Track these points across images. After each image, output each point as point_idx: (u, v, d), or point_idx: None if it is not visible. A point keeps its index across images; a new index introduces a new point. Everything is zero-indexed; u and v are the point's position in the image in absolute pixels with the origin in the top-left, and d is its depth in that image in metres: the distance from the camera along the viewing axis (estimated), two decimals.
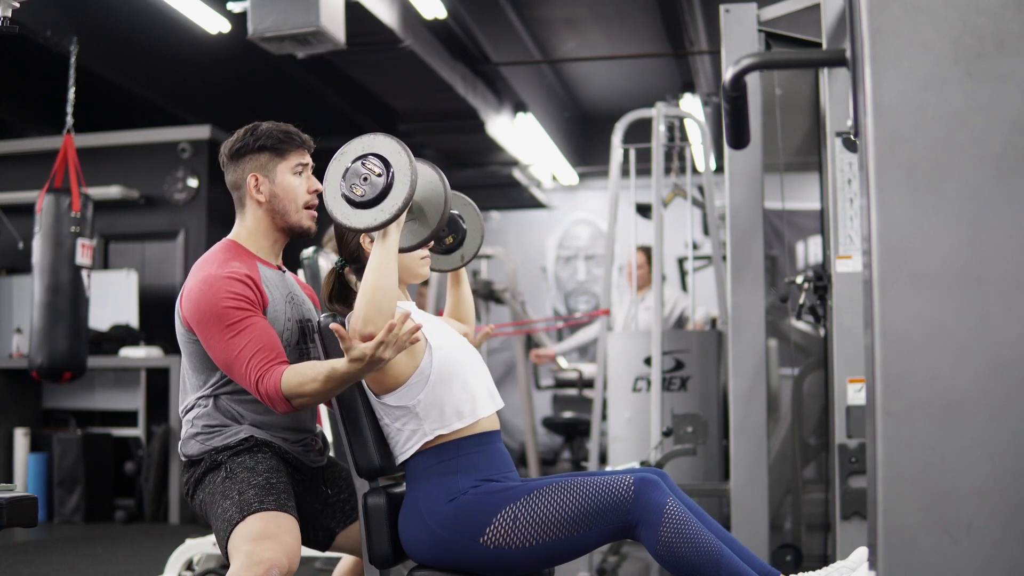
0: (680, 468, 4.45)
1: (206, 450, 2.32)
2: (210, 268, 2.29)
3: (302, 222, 2.42)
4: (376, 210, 2.09)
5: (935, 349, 1.34)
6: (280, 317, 2.34)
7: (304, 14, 4.41)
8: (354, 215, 2.11)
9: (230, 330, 2.20)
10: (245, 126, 2.44)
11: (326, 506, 2.46)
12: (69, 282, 5.09)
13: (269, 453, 2.32)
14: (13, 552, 5.43)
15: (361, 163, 2.11)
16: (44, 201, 5.13)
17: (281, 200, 2.39)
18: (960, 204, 1.35)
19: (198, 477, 2.33)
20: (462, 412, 2.24)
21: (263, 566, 2.11)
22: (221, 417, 2.33)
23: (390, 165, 2.10)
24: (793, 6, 3.55)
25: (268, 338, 2.22)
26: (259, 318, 2.25)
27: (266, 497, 2.22)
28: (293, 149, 2.40)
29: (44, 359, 5.03)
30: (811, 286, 3.50)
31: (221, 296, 2.22)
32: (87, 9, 5.92)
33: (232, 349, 2.20)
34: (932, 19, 1.36)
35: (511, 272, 7.15)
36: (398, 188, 2.09)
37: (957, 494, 1.32)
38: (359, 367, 2.07)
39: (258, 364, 2.17)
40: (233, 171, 2.42)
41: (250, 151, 2.39)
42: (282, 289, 2.40)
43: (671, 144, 5.27)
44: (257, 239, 2.41)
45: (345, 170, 2.12)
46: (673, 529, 2.07)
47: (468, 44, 6.90)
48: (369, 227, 2.10)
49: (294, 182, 2.39)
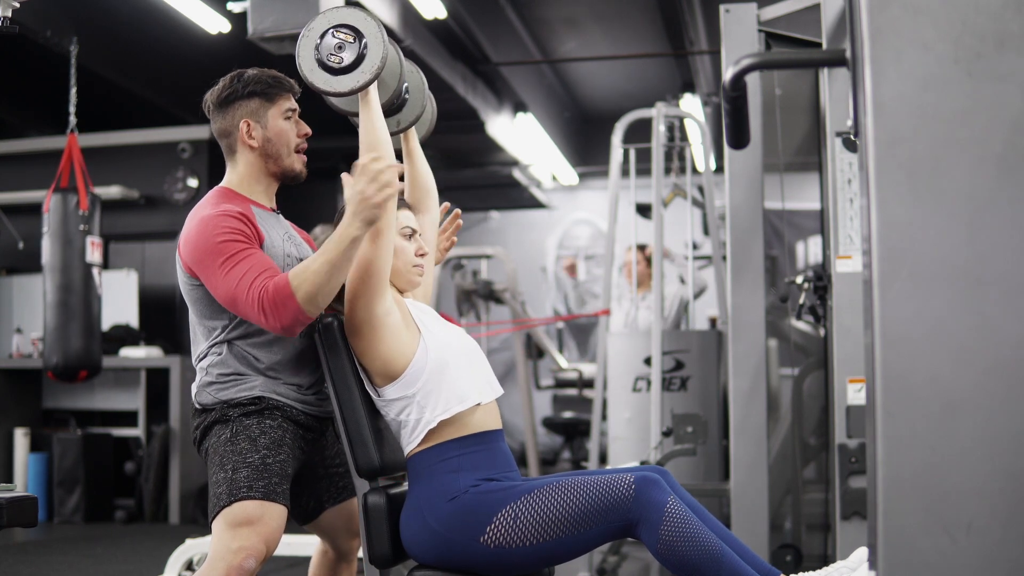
0: (680, 468, 4.45)
1: (218, 401, 2.32)
2: (204, 211, 2.31)
3: (294, 165, 2.45)
4: (357, 72, 2.26)
5: (935, 349, 1.34)
6: (279, 253, 2.35)
7: (304, 14, 4.40)
8: (336, 81, 2.27)
9: (229, 262, 2.21)
10: (230, 74, 2.46)
11: (326, 475, 2.47)
12: (81, 280, 5.12)
13: (279, 420, 2.31)
14: (13, 552, 5.43)
15: (331, 34, 2.27)
16: (51, 200, 5.14)
17: (274, 144, 2.42)
18: (960, 204, 1.35)
19: (207, 424, 2.33)
20: (462, 396, 2.25)
21: (240, 554, 2.18)
22: (236, 364, 2.33)
23: (360, 32, 2.26)
24: (793, 6, 3.55)
25: (268, 263, 2.23)
26: (256, 250, 2.26)
27: (256, 482, 2.23)
28: (282, 93, 2.44)
29: (59, 359, 5.04)
30: (811, 286, 3.51)
31: (217, 232, 2.24)
32: (87, 9, 5.92)
33: (232, 279, 2.20)
34: (932, 19, 1.36)
35: (511, 272, 7.15)
36: (373, 50, 2.26)
37: (957, 494, 1.32)
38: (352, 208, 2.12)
39: (261, 281, 2.18)
40: (222, 119, 2.44)
41: (239, 97, 2.41)
42: (278, 228, 2.41)
43: (671, 144, 5.27)
44: (250, 184, 2.43)
45: (316, 44, 2.28)
46: (674, 528, 2.07)
47: (468, 44, 6.90)
48: (353, 88, 2.26)
49: (285, 126, 2.43)
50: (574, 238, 10.63)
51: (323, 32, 2.28)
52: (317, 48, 2.28)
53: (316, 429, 2.42)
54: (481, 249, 7.62)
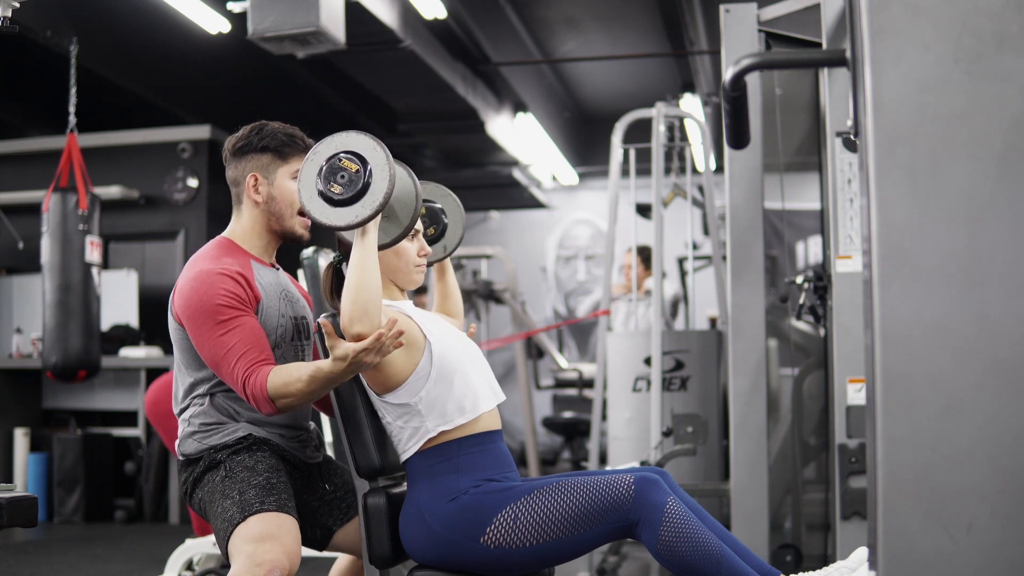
0: (680, 468, 4.45)
1: (204, 448, 2.32)
2: (203, 264, 2.30)
3: (295, 228, 2.42)
4: (357, 207, 2.09)
5: (935, 349, 1.34)
6: (273, 313, 2.35)
7: (304, 14, 4.41)
8: (333, 213, 2.11)
9: (220, 328, 2.21)
10: (253, 123, 2.44)
11: (323, 503, 2.45)
12: (80, 280, 5.11)
13: (268, 452, 2.32)
14: (13, 552, 5.43)
15: (336, 161, 2.12)
16: (50, 200, 5.13)
17: (278, 203, 2.39)
18: (960, 204, 1.35)
19: (197, 476, 2.32)
20: (464, 407, 2.24)
21: (264, 567, 2.12)
22: (217, 415, 2.33)
23: (367, 162, 2.11)
24: (793, 6, 3.55)
25: (257, 338, 2.22)
26: (249, 317, 2.25)
27: (267, 497, 2.22)
28: (296, 154, 2.40)
29: (58, 358, 5.03)
30: (811, 286, 3.50)
31: (213, 293, 2.23)
32: (87, 9, 5.92)
33: (221, 347, 2.20)
34: (932, 19, 1.36)
35: (511, 272, 7.15)
36: (377, 184, 2.09)
37: (957, 494, 1.32)
38: (342, 367, 2.08)
39: (246, 364, 2.17)
40: (234, 167, 2.43)
41: (253, 150, 2.40)
42: (276, 286, 2.40)
43: (671, 144, 5.27)
44: (251, 238, 2.42)
45: (320, 168, 2.12)
46: (673, 528, 2.07)
47: (468, 44, 6.90)
48: (350, 224, 2.10)
49: (292, 187, 2.39)
50: (574, 238, 10.63)
51: (329, 157, 2.13)
52: (319, 175, 2.12)
53: (303, 470, 2.42)
54: (481, 249, 7.62)
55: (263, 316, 2.31)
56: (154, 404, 4.74)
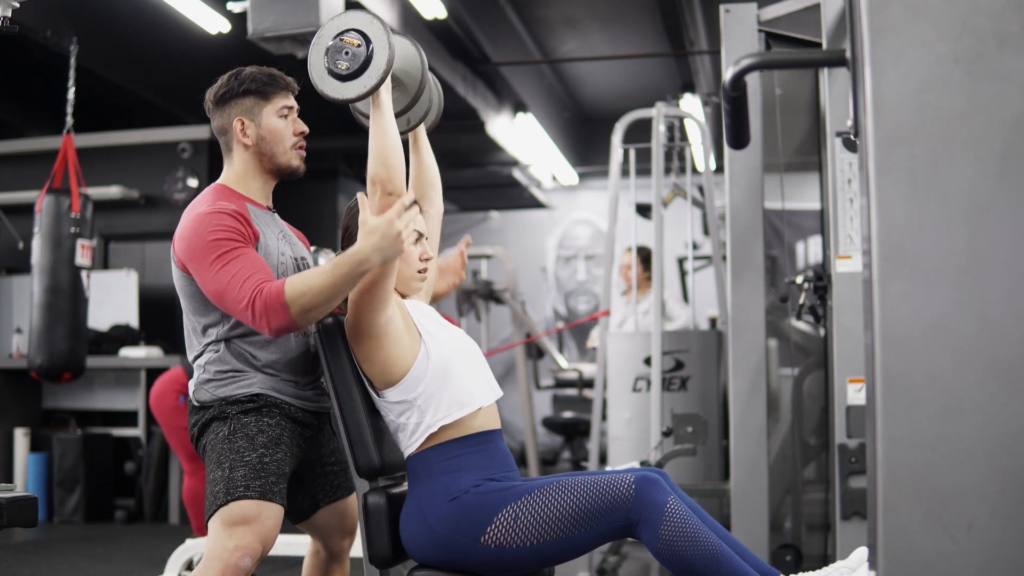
0: (680, 468, 4.45)
1: (216, 399, 2.32)
2: (200, 208, 2.32)
3: (291, 161, 2.44)
4: (364, 77, 2.21)
5: (935, 349, 1.34)
6: (273, 251, 2.35)
7: (304, 14, 4.41)
8: (344, 87, 2.23)
9: (221, 259, 2.21)
10: (229, 71, 2.46)
11: (322, 472, 2.47)
12: (68, 283, 5.09)
13: (276, 418, 2.31)
14: (13, 552, 5.43)
15: (339, 39, 2.23)
16: (44, 202, 5.12)
17: (268, 143, 2.41)
18: (960, 204, 1.35)
19: (205, 421, 2.33)
20: (462, 402, 2.25)
21: (236, 553, 2.18)
22: (233, 361, 2.32)
23: (367, 35, 2.22)
24: (793, 6, 3.55)
25: (261, 265, 2.23)
26: (250, 249, 2.26)
27: (253, 481, 2.23)
28: (278, 91, 2.43)
29: (44, 359, 5.03)
30: (811, 286, 3.51)
31: (211, 229, 2.24)
32: (87, 9, 5.92)
33: (224, 276, 2.20)
34: (932, 19, 1.36)
35: (511, 272, 7.15)
36: (379, 54, 2.21)
37: (957, 494, 1.32)
38: (375, 240, 2.10)
39: (254, 283, 2.17)
40: (219, 117, 2.44)
41: (235, 95, 2.42)
42: (274, 227, 2.41)
43: (671, 144, 5.27)
44: (246, 181, 2.43)
45: (326, 49, 2.23)
46: (674, 528, 2.07)
47: (468, 44, 6.90)
48: (360, 94, 2.22)
49: (280, 124, 2.42)
50: (574, 238, 10.63)
51: (332, 38, 2.24)
52: (326, 55, 2.24)
53: (314, 425, 2.42)
54: (481, 249, 7.62)
55: (263, 253, 2.31)
56: (159, 400, 4.73)
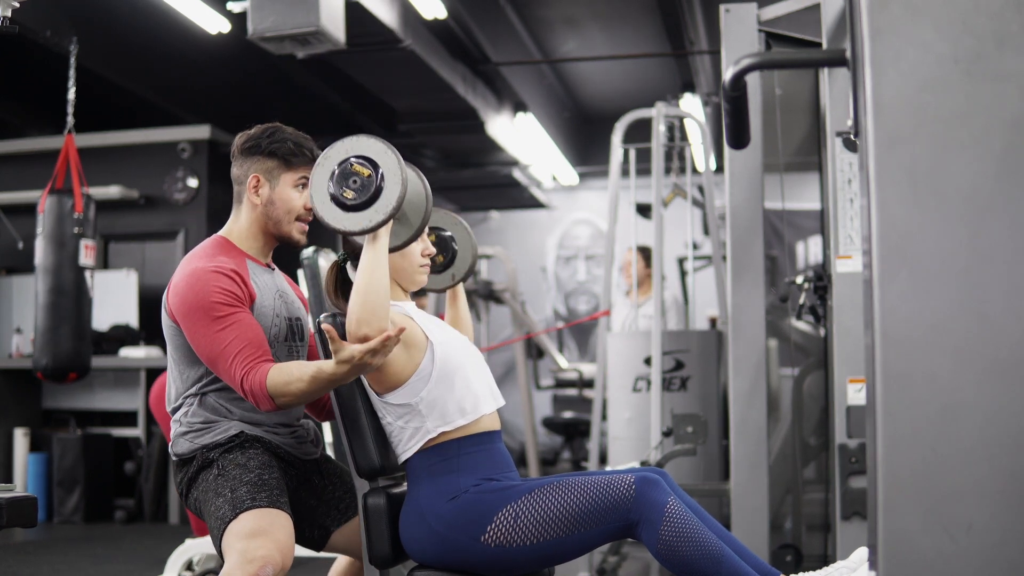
0: (680, 468, 4.44)
1: (196, 448, 2.32)
2: (198, 262, 2.30)
3: (292, 234, 2.43)
4: (370, 211, 2.10)
5: (935, 349, 1.34)
6: (268, 312, 2.35)
7: (304, 14, 4.41)
8: (346, 218, 2.11)
9: (216, 324, 2.20)
10: (267, 124, 2.44)
11: (321, 503, 2.45)
12: (73, 283, 5.09)
13: (260, 448, 2.32)
14: (13, 552, 5.43)
15: (348, 166, 2.12)
16: (46, 202, 5.12)
17: (276, 208, 2.40)
18: (960, 204, 1.35)
19: (191, 476, 2.33)
20: (464, 409, 2.25)
21: (257, 564, 2.11)
22: (208, 414, 2.33)
23: (378, 166, 2.11)
24: (793, 6, 3.55)
25: (254, 334, 2.22)
26: (245, 313, 2.25)
27: (258, 494, 2.22)
28: (303, 164, 2.41)
29: (48, 360, 5.03)
30: (811, 286, 3.51)
31: (208, 290, 2.23)
32: (87, 9, 5.92)
33: (218, 344, 2.19)
34: (932, 19, 1.36)
35: (511, 272, 7.15)
36: (390, 188, 2.10)
37: (957, 494, 1.32)
38: (346, 370, 2.07)
39: (244, 361, 2.17)
40: (239, 165, 2.44)
41: (260, 152, 2.40)
42: (271, 287, 2.40)
43: (671, 144, 5.27)
44: (247, 239, 2.43)
45: (332, 173, 2.13)
46: (674, 528, 2.07)
47: (468, 44, 6.90)
48: (364, 229, 2.11)
49: (293, 195, 2.41)
50: (574, 238, 10.62)
51: (340, 161, 2.13)
52: (331, 179, 2.12)
53: (299, 467, 2.42)
54: (481, 249, 7.62)
55: (258, 315, 2.31)
56: (158, 400, 4.73)
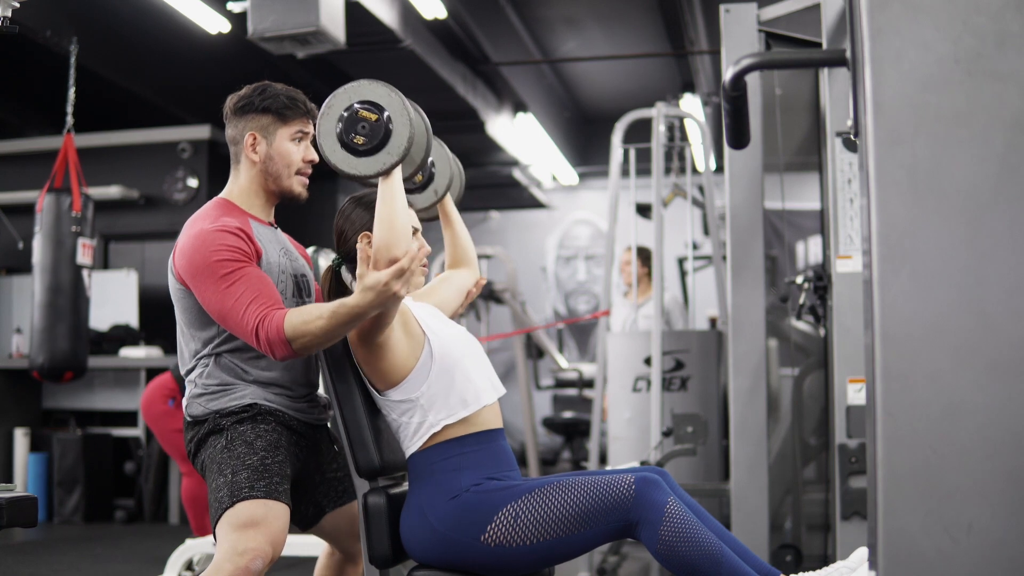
0: (680, 468, 4.44)
1: (209, 412, 2.31)
2: (202, 223, 2.30)
3: (293, 187, 2.43)
4: (382, 154, 2.13)
5: (935, 349, 1.34)
6: (274, 269, 2.34)
7: (304, 14, 4.41)
8: (360, 163, 2.14)
9: (225, 280, 2.19)
10: (256, 83, 2.44)
11: (324, 481, 2.46)
12: (70, 282, 5.09)
13: (272, 424, 2.30)
14: (13, 552, 5.43)
15: (354, 112, 2.14)
16: (44, 201, 5.12)
17: (275, 163, 2.40)
18: (960, 204, 1.35)
19: (201, 437, 2.32)
20: (466, 400, 2.25)
21: (247, 556, 2.15)
22: (224, 375, 2.32)
23: (384, 109, 2.14)
24: (793, 6, 3.55)
25: (265, 286, 2.21)
26: (254, 268, 2.24)
27: (257, 482, 2.22)
28: (297, 116, 2.41)
29: (45, 359, 5.03)
30: (811, 286, 3.51)
31: (214, 248, 2.22)
32: (87, 9, 5.92)
33: (228, 298, 2.19)
34: (932, 19, 1.36)
35: (511, 272, 7.15)
36: (399, 130, 2.13)
37: (957, 494, 1.32)
38: (371, 298, 2.07)
39: (257, 309, 2.16)
40: (234, 126, 2.43)
41: (254, 110, 2.40)
42: (275, 243, 2.40)
43: (671, 144, 5.27)
44: (249, 197, 2.42)
45: (338, 120, 2.15)
46: (674, 528, 2.07)
47: (468, 44, 6.90)
48: (380, 171, 2.14)
49: (291, 148, 2.40)
50: (574, 238, 10.62)
51: (345, 108, 2.15)
52: (338, 125, 2.15)
53: (310, 436, 2.42)
54: (481, 249, 7.61)
55: (265, 270, 2.30)
56: (149, 405, 4.72)
